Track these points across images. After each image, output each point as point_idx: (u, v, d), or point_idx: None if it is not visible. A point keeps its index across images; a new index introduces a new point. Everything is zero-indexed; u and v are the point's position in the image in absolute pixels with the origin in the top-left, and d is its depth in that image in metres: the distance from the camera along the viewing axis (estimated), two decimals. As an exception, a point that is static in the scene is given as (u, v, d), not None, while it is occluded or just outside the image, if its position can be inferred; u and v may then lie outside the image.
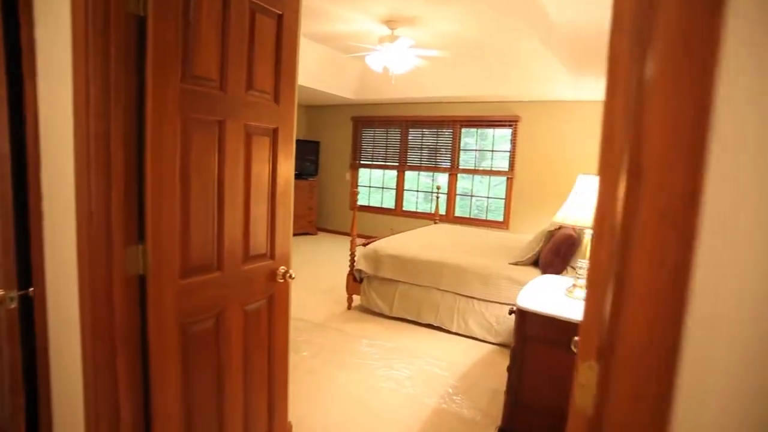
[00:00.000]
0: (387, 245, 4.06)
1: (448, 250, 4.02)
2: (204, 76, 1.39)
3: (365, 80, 6.88)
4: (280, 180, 1.73)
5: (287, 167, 1.77)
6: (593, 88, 5.25)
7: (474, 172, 7.02)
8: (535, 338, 2.23)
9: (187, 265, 1.39)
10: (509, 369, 2.35)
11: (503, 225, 6.72)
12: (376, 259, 3.98)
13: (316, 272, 5.52)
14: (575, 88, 5.38)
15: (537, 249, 3.50)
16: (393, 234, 4.78)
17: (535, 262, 3.57)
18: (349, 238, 4.17)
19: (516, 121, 6.48)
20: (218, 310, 1.52)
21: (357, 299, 4.21)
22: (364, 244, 4.24)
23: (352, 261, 4.16)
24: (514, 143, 6.54)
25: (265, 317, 1.73)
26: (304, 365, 3.04)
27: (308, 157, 8.15)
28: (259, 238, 1.66)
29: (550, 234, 3.48)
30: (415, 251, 3.90)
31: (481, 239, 4.68)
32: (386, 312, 3.95)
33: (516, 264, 3.58)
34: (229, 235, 1.52)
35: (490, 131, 6.89)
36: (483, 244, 4.37)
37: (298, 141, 8.31)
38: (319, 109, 8.48)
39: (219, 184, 1.47)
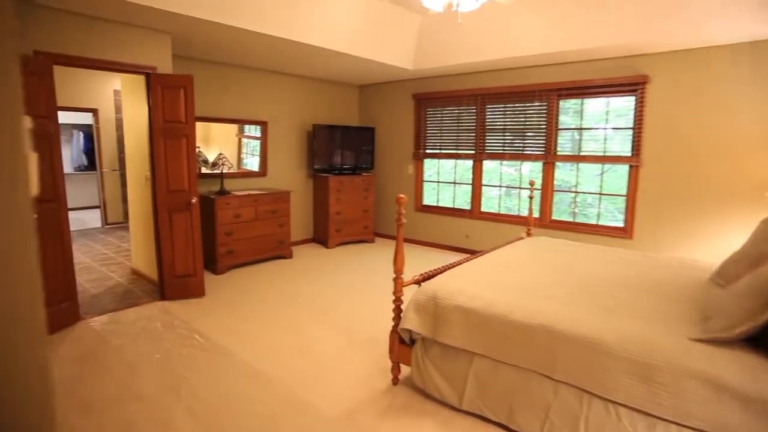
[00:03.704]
0: (454, 287, 2.45)
1: (560, 295, 2.32)
2: None
3: (425, 42, 5.23)
4: None
5: None
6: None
7: (579, 159, 5.11)
8: None
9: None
10: None
11: (624, 233, 4.78)
12: (435, 313, 2.38)
13: (360, 304, 4.02)
14: (758, 20, 3.36)
15: (766, 317, 1.69)
16: (472, 259, 3.13)
17: (751, 338, 1.77)
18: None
19: (643, 83, 4.49)
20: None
21: (408, 369, 2.65)
22: (418, 282, 2.66)
23: (398, 312, 2.60)
24: (640, 116, 4.56)
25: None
26: None
27: (363, 147, 6.68)
28: None
29: (790, 283, 1.66)
30: (504, 302, 2.24)
31: (613, 269, 2.88)
32: (453, 402, 2.35)
33: (710, 341, 1.80)
34: None
35: (601, 101, 4.95)
36: (620, 280, 2.59)
37: (349, 129, 6.94)
38: (372, 89, 6.96)
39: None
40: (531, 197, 4.10)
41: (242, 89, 5.52)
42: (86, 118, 7.58)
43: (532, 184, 4.09)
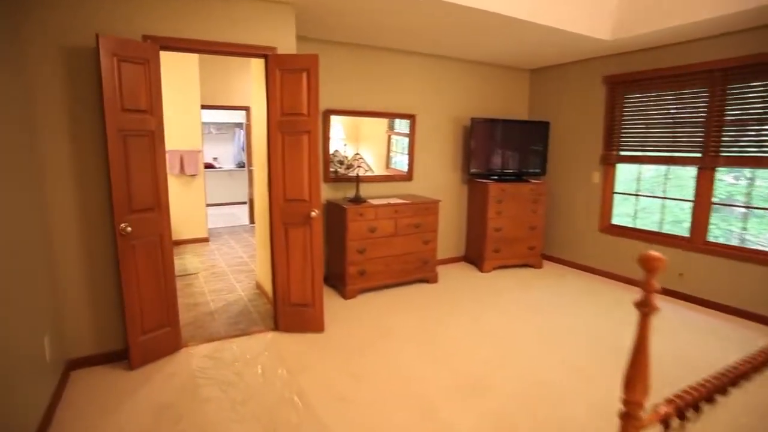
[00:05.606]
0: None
1: None
2: None
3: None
4: None
5: None
6: None
7: None
8: None
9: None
10: None
11: None
12: None
13: (529, 380, 2.73)
14: None
15: None
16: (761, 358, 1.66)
17: None
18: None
19: None
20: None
21: None
22: (665, 420, 1.33)
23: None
24: None
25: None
26: None
27: (533, 146, 5.29)
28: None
29: None
30: None
31: None
32: None
33: None
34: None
35: None
36: None
37: (516, 123, 5.35)
38: (547, 72, 5.49)
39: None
40: None
41: (385, 77, 4.63)
42: (245, 117, 7.67)
43: None
